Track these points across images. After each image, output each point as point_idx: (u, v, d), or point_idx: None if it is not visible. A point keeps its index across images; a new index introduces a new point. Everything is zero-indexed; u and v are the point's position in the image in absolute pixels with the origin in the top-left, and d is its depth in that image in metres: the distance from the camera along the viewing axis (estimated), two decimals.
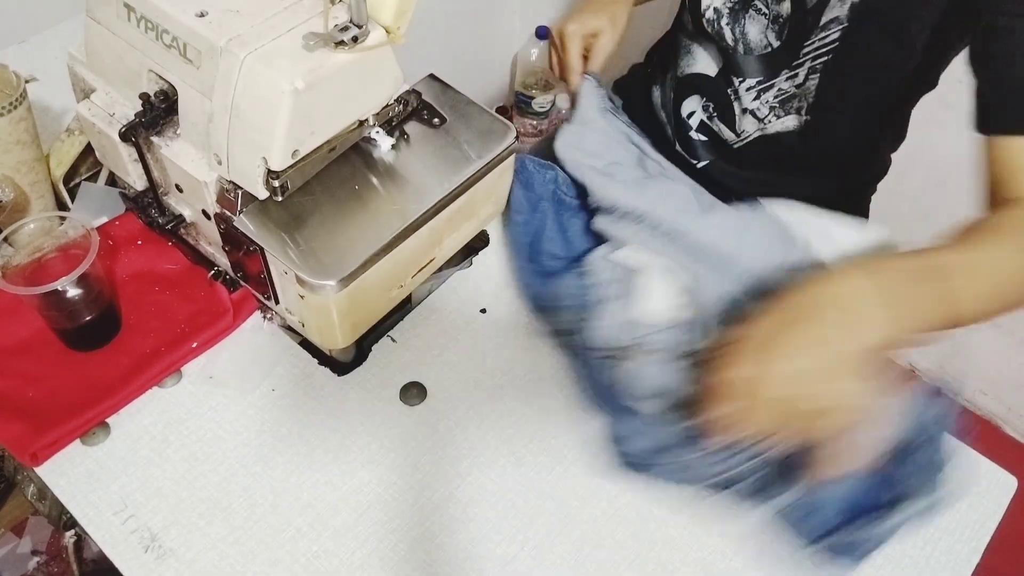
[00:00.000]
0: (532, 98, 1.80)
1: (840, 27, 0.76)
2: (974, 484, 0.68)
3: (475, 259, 0.80)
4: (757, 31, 0.82)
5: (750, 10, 0.81)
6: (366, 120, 0.63)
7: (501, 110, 1.94)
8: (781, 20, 0.79)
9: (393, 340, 0.74)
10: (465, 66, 1.77)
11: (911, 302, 0.56)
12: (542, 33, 1.71)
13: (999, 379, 1.57)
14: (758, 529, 0.63)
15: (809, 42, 0.79)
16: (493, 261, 0.80)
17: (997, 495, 0.68)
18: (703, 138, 0.93)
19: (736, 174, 0.93)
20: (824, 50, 0.78)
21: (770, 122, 0.86)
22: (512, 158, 0.71)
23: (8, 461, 0.83)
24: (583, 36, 0.88)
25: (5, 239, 0.66)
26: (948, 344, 1.66)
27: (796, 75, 0.82)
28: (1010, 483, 0.69)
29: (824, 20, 0.76)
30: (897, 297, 0.55)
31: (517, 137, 0.69)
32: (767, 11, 0.80)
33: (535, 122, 1.85)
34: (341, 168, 0.64)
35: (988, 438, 1.59)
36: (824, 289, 0.56)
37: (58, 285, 0.62)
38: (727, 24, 0.83)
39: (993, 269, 0.61)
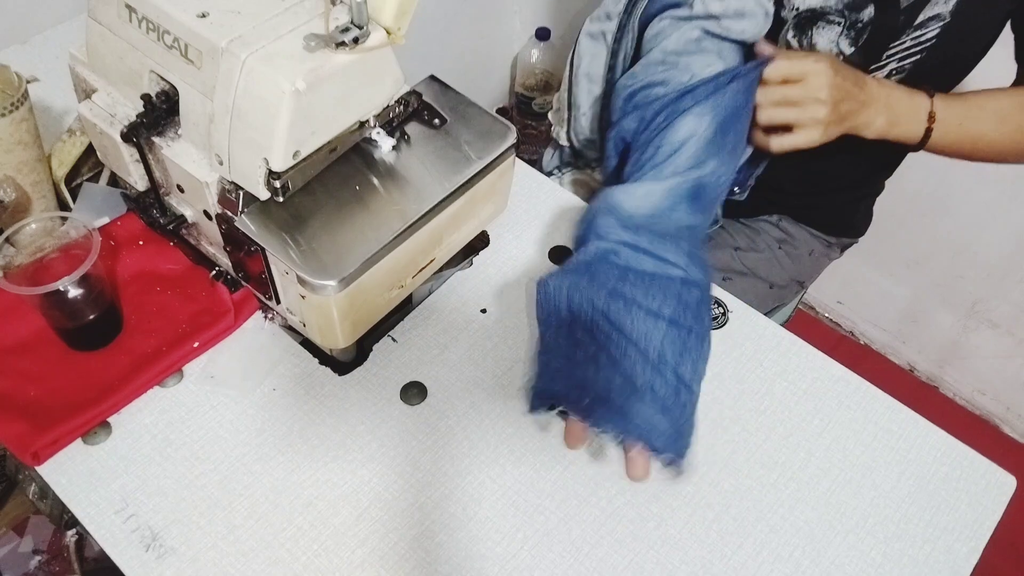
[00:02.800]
0: (532, 99, 1.80)
1: (940, 24, 0.76)
2: (973, 484, 0.69)
3: (475, 259, 0.80)
4: (827, 40, 0.80)
5: (820, 22, 0.80)
6: (367, 121, 0.63)
7: (501, 111, 1.94)
8: (860, 25, 0.78)
9: (394, 340, 0.74)
10: (465, 67, 1.77)
11: (909, 105, 0.77)
12: (542, 34, 1.71)
13: (998, 379, 1.58)
14: None
15: (899, 42, 0.78)
16: (493, 261, 0.80)
17: (996, 495, 0.68)
18: None
19: (769, 166, 0.91)
20: (916, 49, 0.78)
21: None
22: (512, 159, 0.71)
23: (9, 460, 0.83)
24: None
25: (7, 239, 0.66)
26: (948, 344, 1.68)
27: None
28: (1009, 483, 0.69)
29: (921, 19, 0.76)
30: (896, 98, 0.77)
31: (517, 138, 0.70)
32: (842, 19, 0.79)
33: (535, 123, 1.85)
34: (342, 169, 0.65)
35: (987, 438, 1.59)
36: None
37: (60, 285, 0.63)
38: (793, 36, 0.81)
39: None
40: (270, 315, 0.74)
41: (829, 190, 0.96)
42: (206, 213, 0.65)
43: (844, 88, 0.73)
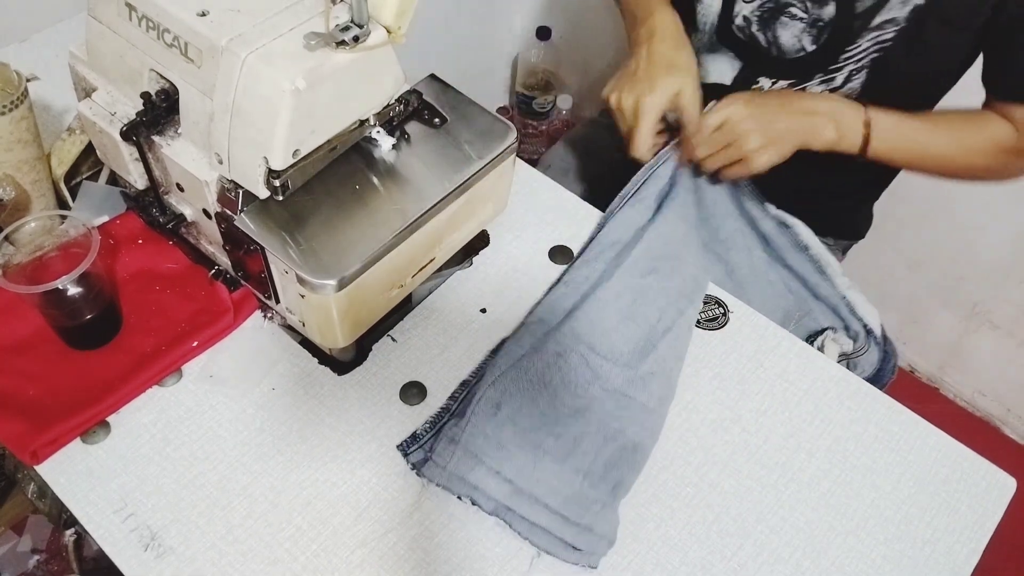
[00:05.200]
0: (533, 98, 1.80)
1: (896, 28, 0.76)
2: (973, 485, 0.68)
3: (475, 259, 0.80)
4: (790, 35, 0.82)
5: (783, 16, 0.81)
6: (367, 120, 0.63)
7: (502, 110, 1.94)
8: (821, 24, 0.79)
9: (393, 339, 0.74)
10: (466, 66, 1.77)
11: (841, 111, 0.80)
12: (543, 34, 1.71)
13: (998, 381, 1.57)
14: None
15: (855, 45, 0.79)
16: (493, 261, 0.80)
17: (996, 496, 0.68)
18: None
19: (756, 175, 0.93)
20: (874, 50, 0.79)
21: None
22: (512, 158, 0.71)
23: (8, 459, 0.83)
24: (665, 107, 0.80)
25: (6, 238, 0.66)
26: (948, 345, 1.67)
27: (833, 79, 0.83)
28: (1009, 484, 0.69)
29: (877, 21, 0.77)
30: (830, 105, 0.80)
31: (518, 137, 0.69)
32: (805, 15, 0.80)
33: (536, 122, 1.85)
34: (342, 168, 0.64)
35: (987, 439, 1.59)
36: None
37: (59, 284, 0.62)
38: (758, 30, 0.83)
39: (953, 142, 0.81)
40: (269, 314, 0.74)
41: (830, 196, 0.96)
42: (205, 212, 0.65)
43: (765, 114, 0.78)
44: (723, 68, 0.89)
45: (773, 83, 0.85)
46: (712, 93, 0.91)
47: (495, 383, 0.67)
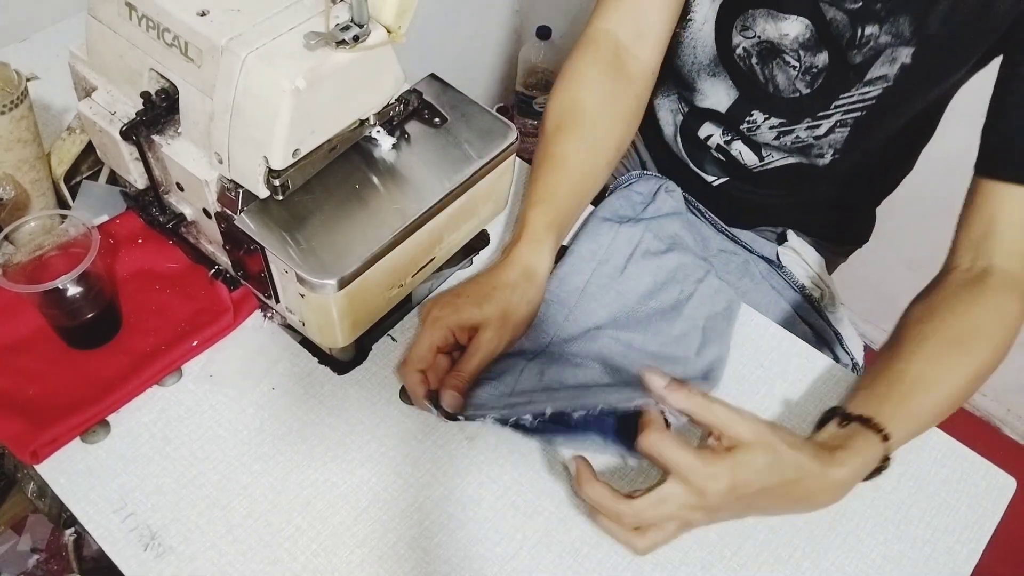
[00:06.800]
0: (533, 98, 1.80)
1: (885, 85, 0.76)
2: (973, 485, 0.68)
3: (475, 259, 0.80)
4: (785, 78, 0.81)
5: (778, 59, 0.80)
6: (367, 119, 0.63)
7: (502, 110, 1.94)
8: (815, 71, 0.78)
9: (393, 339, 0.74)
10: (466, 66, 1.77)
11: (864, 470, 0.62)
12: (543, 33, 1.71)
13: (998, 381, 1.57)
14: None
15: (847, 95, 0.78)
16: (493, 260, 0.80)
17: (996, 496, 0.68)
18: (720, 158, 0.92)
19: (752, 191, 0.93)
20: (860, 105, 0.78)
21: (787, 162, 0.87)
22: (513, 158, 0.71)
23: (8, 459, 0.83)
24: (454, 328, 0.64)
25: (6, 237, 0.66)
26: None
27: (818, 126, 0.81)
28: (1009, 484, 0.69)
29: (869, 77, 0.76)
30: (852, 476, 0.61)
31: (518, 137, 0.69)
32: (798, 64, 0.79)
33: (536, 122, 1.85)
34: (342, 167, 0.64)
35: (987, 439, 1.59)
36: (795, 476, 0.57)
37: (59, 283, 0.62)
38: (757, 63, 0.82)
39: (945, 392, 0.65)
40: (269, 314, 0.74)
41: (832, 206, 0.96)
42: (205, 211, 0.65)
43: (741, 504, 0.57)
44: (720, 95, 0.87)
45: (766, 118, 0.84)
46: (706, 117, 0.91)
47: (535, 358, 0.68)
